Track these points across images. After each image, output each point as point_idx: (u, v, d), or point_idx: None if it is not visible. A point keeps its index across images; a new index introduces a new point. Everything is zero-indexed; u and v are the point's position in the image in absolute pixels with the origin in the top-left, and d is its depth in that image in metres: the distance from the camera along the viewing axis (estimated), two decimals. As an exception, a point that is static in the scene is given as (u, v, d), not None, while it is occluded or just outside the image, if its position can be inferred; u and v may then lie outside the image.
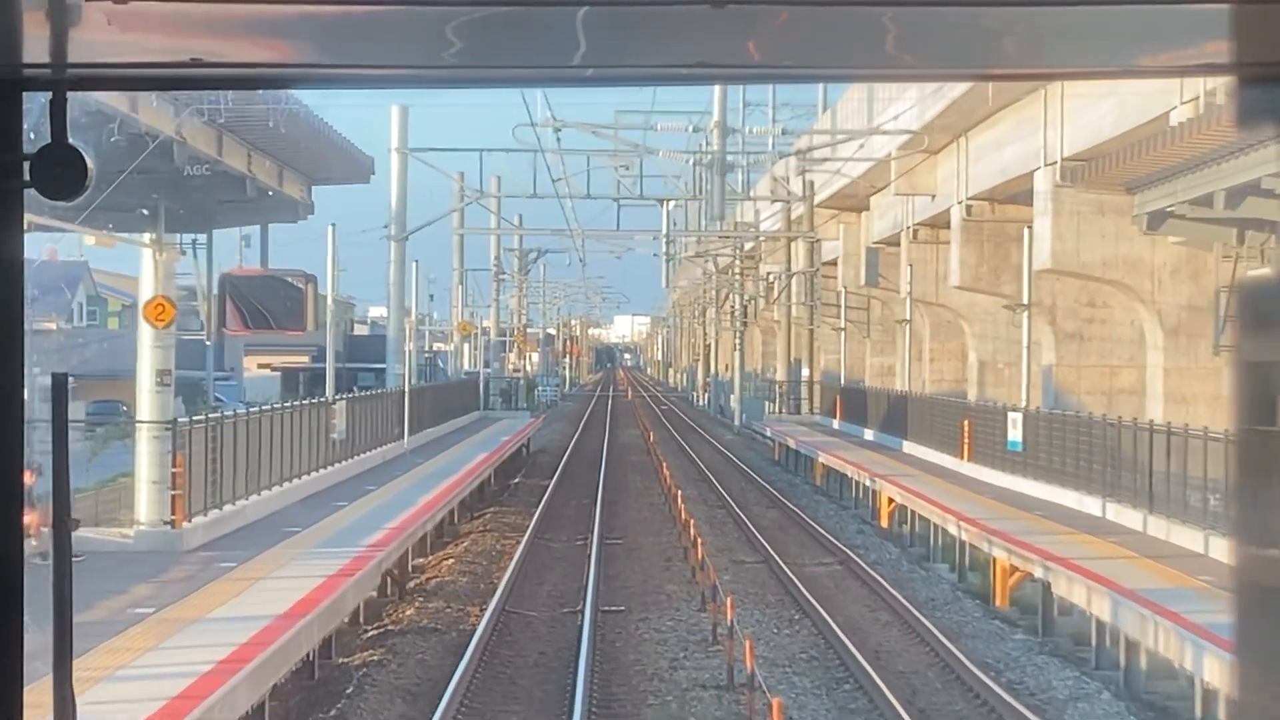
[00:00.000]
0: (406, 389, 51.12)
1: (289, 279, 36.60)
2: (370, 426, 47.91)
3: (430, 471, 46.83)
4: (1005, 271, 61.02)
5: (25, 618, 3.73)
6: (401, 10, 3.58)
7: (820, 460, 58.41)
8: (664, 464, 60.53)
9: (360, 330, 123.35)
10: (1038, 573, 30.31)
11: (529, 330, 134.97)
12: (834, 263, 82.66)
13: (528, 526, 44.47)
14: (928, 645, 28.59)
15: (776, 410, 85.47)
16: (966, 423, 48.06)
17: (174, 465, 28.81)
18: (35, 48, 3.71)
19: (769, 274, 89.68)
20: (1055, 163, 48.09)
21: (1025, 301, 48.21)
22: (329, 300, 44.29)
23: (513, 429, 70.37)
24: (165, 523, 28.90)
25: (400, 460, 49.34)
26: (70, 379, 4.02)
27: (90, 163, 3.77)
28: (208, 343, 47.85)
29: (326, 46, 3.88)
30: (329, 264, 45.49)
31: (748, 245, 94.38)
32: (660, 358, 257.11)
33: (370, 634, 28.79)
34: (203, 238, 39.62)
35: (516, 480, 61.27)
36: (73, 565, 3.85)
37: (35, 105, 3.81)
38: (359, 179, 52.34)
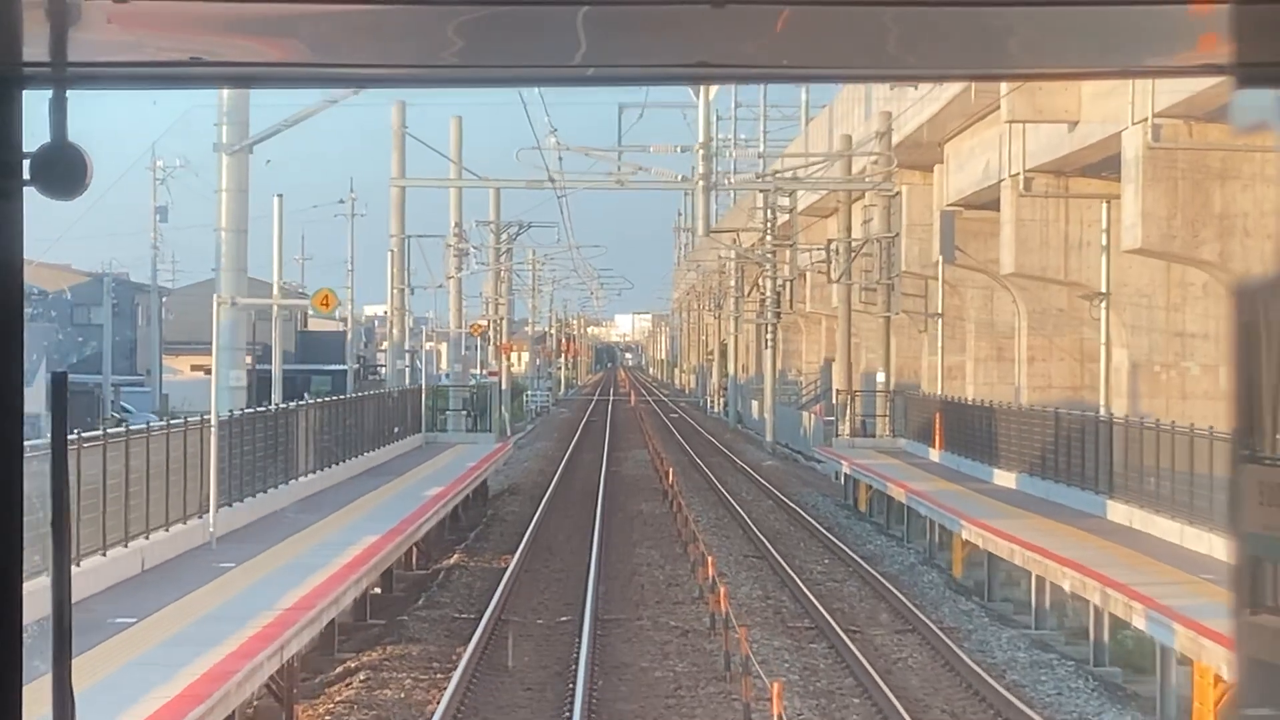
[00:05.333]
0: (214, 419, 26.23)
1: None
2: (116, 500, 23.48)
3: (230, 598, 21.95)
4: (1206, 226, 43.41)
5: (25, 618, 3.73)
6: (401, 10, 3.59)
7: (963, 535, 34.20)
8: (696, 532, 36.61)
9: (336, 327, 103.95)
10: None
11: (522, 327, 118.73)
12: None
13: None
14: None
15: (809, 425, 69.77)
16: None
17: None
18: (35, 46, 3.68)
19: (830, 241, 68.66)
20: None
21: None
22: None
23: (460, 469, 45.30)
24: None
25: (181, 570, 23.87)
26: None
27: (90, 161, 3.71)
28: None
29: (326, 46, 3.88)
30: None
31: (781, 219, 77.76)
32: (664, 357, 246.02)
33: None
34: None
35: (453, 559, 37.30)
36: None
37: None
38: None
